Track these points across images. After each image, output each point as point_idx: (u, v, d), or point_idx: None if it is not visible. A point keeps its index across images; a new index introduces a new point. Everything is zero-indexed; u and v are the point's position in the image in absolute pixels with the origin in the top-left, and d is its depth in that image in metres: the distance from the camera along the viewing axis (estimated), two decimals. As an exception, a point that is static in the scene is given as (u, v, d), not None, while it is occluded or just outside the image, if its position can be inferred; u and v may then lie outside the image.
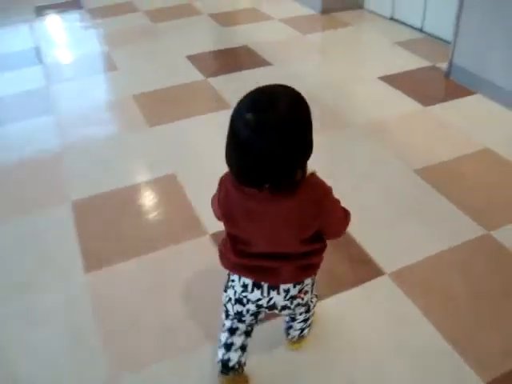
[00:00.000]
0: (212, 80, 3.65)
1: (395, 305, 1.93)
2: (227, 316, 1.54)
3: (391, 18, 4.72)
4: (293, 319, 1.66)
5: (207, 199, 2.50)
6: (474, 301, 1.93)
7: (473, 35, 3.33)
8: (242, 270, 1.42)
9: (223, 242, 1.47)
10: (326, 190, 1.31)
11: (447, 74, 3.59)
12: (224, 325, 1.57)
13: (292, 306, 1.48)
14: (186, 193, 2.54)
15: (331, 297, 1.94)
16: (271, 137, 1.13)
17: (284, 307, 1.48)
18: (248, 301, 1.46)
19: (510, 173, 2.63)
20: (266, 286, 1.42)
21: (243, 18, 4.92)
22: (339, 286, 2.00)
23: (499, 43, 3.15)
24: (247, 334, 1.57)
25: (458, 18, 3.36)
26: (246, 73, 3.75)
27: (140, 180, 2.68)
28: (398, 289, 1.99)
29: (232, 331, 1.54)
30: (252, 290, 1.43)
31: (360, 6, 5.01)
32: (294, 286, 1.44)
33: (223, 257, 1.46)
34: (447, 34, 4.08)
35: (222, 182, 1.37)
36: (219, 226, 2.32)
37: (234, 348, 1.54)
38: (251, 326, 1.57)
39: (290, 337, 1.72)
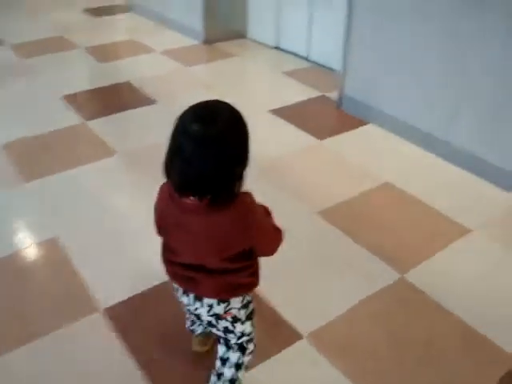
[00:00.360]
0: (93, 123, 3.33)
1: (316, 371, 1.77)
2: None
3: (276, 47, 4.67)
4: (224, 362, 1.55)
5: (96, 265, 2.24)
6: (396, 355, 1.82)
7: (362, 65, 3.32)
8: (172, 276, 1.45)
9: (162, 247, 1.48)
10: (253, 209, 1.31)
11: (338, 105, 3.56)
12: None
13: (219, 327, 1.47)
14: (72, 260, 2.22)
15: (248, 372, 1.72)
16: (214, 149, 1.18)
17: (210, 323, 1.48)
18: (181, 302, 1.51)
19: (412, 207, 2.59)
20: (192, 296, 1.43)
21: (123, 51, 4.62)
22: (256, 357, 1.79)
23: (388, 73, 3.16)
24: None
25: (346, 49, 3.34)
26: (129, 113, 3.47)
27: (14, 248, 2.30)
28: (317, 353, 1.83)
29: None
30: (182, 296, 1.48)
31: (243, 36, 4.92)
32: (218, 304, 1.42)
33: (162, 260, 1.47)
34: (334, 63, 4.10)
35: (161, 189, 1.39)
36: (114, 298, 2.09)
37: (196, 324, 1.72)
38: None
39: None
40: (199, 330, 1.75)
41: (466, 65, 2.72)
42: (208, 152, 1.18)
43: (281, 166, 2.90)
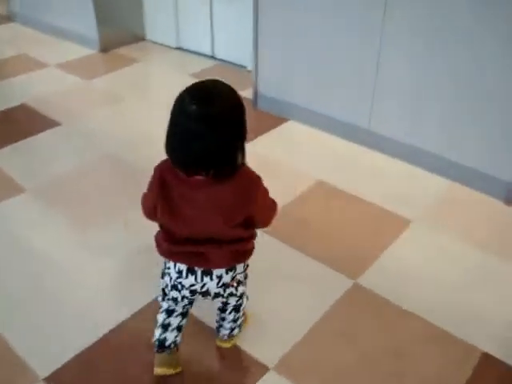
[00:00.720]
0: (-8, 156, 3.00)
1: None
2: (163, 298, 1.62)
3: (178, 48, 4.46)
4: (223, 319, 1.72)
5: (24, 326, 1.97)
6: (368, 371, 1.75)
7: (275, 61, 3.21)
8: (176, 256, 1.49)
9: (157, 232, 1.53)
10: (257, 179, 1.42)
11: (254, 104, 3.44)
12: (161, 306, 1.65)
13: (225, 295, 1.56)
14: (-6, 324, 1.96)
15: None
16: (215, 127, 1.26)
17: (217, 294, 1.55)
18: (182, 287, 1.52)
19: (349, 203, 2.54)
20: (199, 272, 1.48)
21: (12, 69, 4.18)
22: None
23: (303, 66, 3.08)
24: (183, 315, 1.65)
25: (256, 44, 3.21)
26: (32, 140, 3.13)
27: None
28: (288, 382, 1.71)
29: (169, 312, 1.63)
30: (186, 276, 1.49)
31: (142, 38, 4.66)
32: (227, 273, 1.51)
33: (158, 245, 1.52)
34: (242, 59, 3.98)
35: (157, 170, 1.43)
36: (54, 362, 1.81)
37: (170, 328, 1.64)
38: (187, 308, 1.65)
39: (220, 334, 1.78)
40: (171, 337, 1.64)
41: (378, 52, 2.69)
42: (208, 130, 1.26)
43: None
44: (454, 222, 2.43)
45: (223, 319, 1.72)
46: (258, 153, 2.96)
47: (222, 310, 1.70)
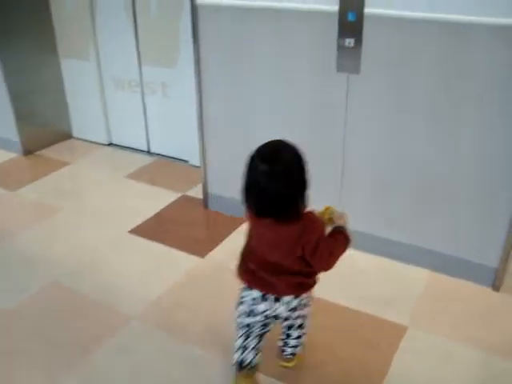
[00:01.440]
0: None
1: None
2: (240, 326, 1.83)
3: (110, 144, 4.17)
4: (288, 336, 1.95)
5: None
6: None
7: (223, 157, 3.00)
8: (252, 282, 1.74)
9: (240, 260, 1.79)
10: (315, 218, 1.64)
11: (205, 205, 3.20)
12: (238, 333, 1.84)
13: (294, 316, 1.80)
14: None
15: None
16: (280, 182, 1.54)
17: (287, 317, 1.80)
18: (257, 313, 1.75)
19: (333, 316, 2.33)
20: (270, 299, 1.72)
21: None
22: None
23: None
24: (260, 336, 1.84)
25: (203, 146, 3.01)
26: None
27: None
28: None
29: (246, 336, 1.82)
30: (260, 303, 1.74)
31: (69, 136, 4.33)
32: (295, 298, 1.74)
33: (239, 272, 1.78)
34: (181, 153, 3.77)
35: (246, 215, 1.70)
36: None
37: (248, 350, 1.83)
38: (264, 331, 1.83)
39: (284, 353, 2.00)
40: (249, 357, 1.83)
41: (343, 142, 2.56)
42: (276, 184, 1.53)
43: (170, 305, 2.43)
44: (448, 319, 2.30)
45: (288, 336, 1.94)
46: (217, 265, 2.69)
47: (289, 327, 1.91)
